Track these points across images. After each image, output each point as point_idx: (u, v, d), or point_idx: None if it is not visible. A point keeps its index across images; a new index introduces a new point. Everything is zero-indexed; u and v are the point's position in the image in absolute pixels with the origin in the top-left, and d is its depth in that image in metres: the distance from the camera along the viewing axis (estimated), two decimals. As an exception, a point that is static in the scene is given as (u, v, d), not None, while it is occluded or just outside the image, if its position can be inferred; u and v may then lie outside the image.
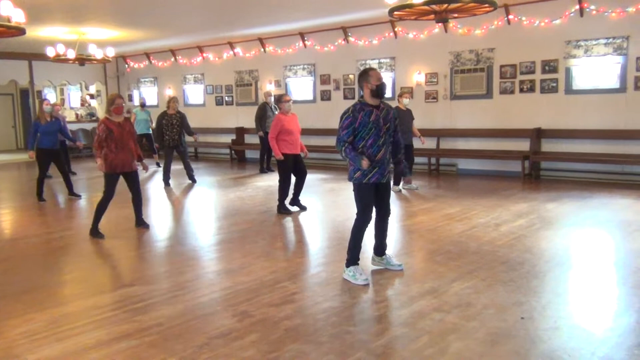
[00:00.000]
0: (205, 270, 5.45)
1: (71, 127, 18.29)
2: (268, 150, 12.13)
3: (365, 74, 4.79)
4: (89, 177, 12.16)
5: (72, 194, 9.73)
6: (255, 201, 9.02)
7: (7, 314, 4.30)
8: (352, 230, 4.94)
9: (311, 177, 11.37)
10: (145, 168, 7.15)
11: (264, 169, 12.71)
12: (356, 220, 4.93)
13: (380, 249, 5.19)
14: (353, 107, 4.80)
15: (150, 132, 14.13)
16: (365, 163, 4.65)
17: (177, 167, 11.59)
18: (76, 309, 4.40)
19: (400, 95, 9.46)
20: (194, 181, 11.22)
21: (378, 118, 4.76)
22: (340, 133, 4.78)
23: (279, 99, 7.86)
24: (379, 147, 4.78)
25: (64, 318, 4.17)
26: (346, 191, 9.89)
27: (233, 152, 15.58)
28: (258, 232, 6.89)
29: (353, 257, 4.90)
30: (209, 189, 10.76)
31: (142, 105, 14.68)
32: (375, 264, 5.21)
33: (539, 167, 10.69)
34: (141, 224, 7.16)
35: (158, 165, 13.87)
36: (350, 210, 8.09)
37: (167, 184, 10.92)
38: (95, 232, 6.75)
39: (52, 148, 9.32)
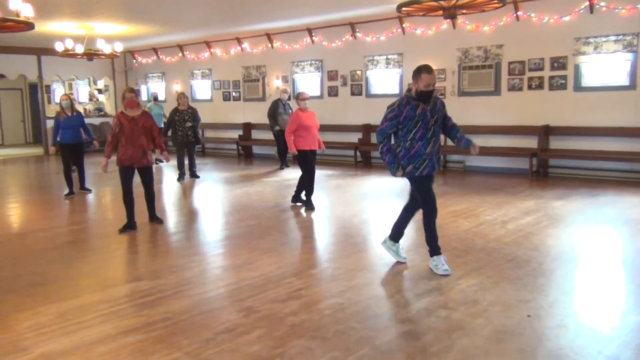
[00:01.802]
0: (211, 266, 5.47)
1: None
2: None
3: (418, 73, 4.76)
4: (99, 172, 12.15)
5: (83, 188, 9.80)
6: (262, 197, 9.03)
7: (15, 307, 4.34)
8: (424, 224, 5.03)
9: (318, 173, 11.36)
10: (167, 159, 7.26)
11: (282, 164, 12.75)
12: (426, 214, 5.01)
13: (399, 235, 5.31)
14: (399, 101, 4.88)
15: (162, 126, 14.15)
16: (399, 174, 4.91)
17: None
18: (84, 302, 4.43)
19: None
20: (196, 177, 11.27)
21: (425, 111, 4.82)
22: (383, 124, 4.89)
23: (298, 97, 7.96)
24: (427, 140, 4.86)
25: (72, 312, 4.20)
26: (353, 187, 9.90)
27: (240, 147, 15.60)
28: (264, 228, 6.90)
29: (434, 248, 5.03)
30: (215, 184, 10.79)
31: (155, 99, 14.69)
32: (386, 247, 5.35)
33: (547, 164, 10.63)
34: (153, 219, 7.22)
35: (159, 161, 13.90)
36: (356, 207, 8.11)
37: (181, 178, 11.00)
38: (129, 224, 6.88)
39: (69, 142, 9.53)
